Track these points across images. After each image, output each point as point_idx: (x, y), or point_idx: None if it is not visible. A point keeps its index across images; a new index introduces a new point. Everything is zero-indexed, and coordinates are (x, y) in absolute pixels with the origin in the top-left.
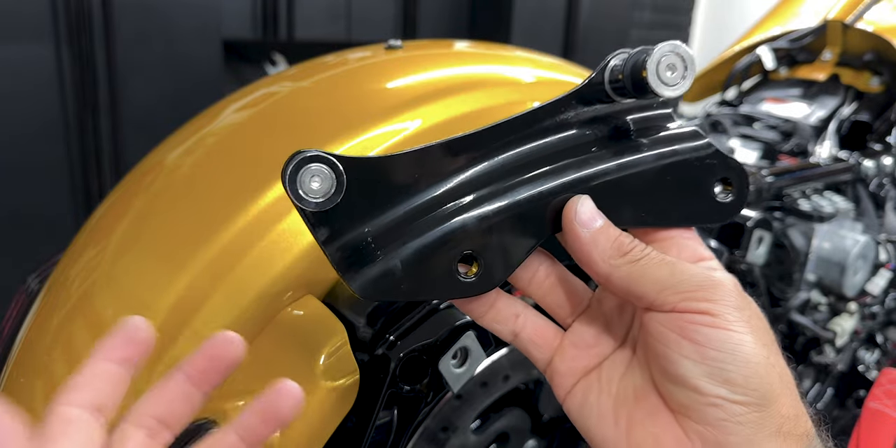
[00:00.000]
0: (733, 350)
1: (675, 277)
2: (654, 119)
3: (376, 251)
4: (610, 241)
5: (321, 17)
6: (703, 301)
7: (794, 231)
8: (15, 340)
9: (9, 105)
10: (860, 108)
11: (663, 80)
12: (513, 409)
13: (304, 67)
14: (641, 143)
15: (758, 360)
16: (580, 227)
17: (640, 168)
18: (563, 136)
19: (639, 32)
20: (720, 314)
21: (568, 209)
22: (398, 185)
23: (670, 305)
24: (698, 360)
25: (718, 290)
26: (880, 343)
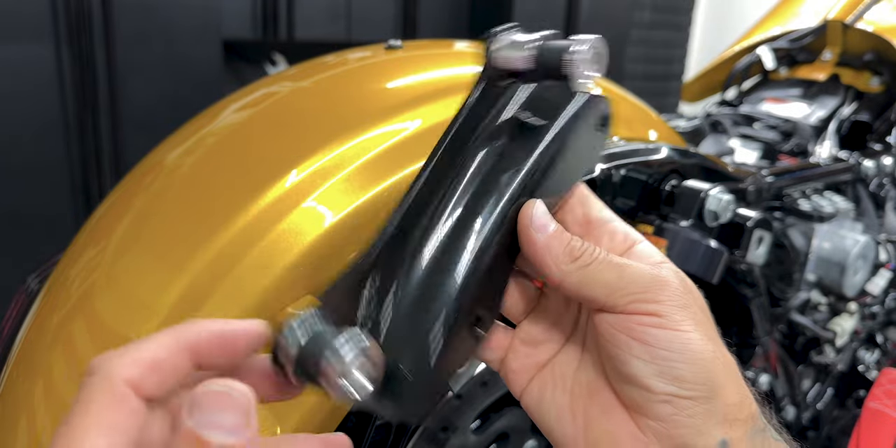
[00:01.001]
0: (681, 349)
1: (624, 280)
2: (538, 91)
3: (399, 367)
4: (562, 246)
5: (321, 17)
6: (651, 302)
7: (795, 231)
8: (15, 340)
9: (8, 105)
10: (860, 108)
11: (583, 74)
12: (513, 409)
13: (304, 67)
14: (543, 128)
15: (704, 357)
16: (535, 232)
17: (552, 152)
18: (480, 158)
19: (639, 32)
20: (667, 315)
21: (522, 215)
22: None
23: (620, 308)
24: (648, 359)
25: (665, 291)
26: (880, 343)
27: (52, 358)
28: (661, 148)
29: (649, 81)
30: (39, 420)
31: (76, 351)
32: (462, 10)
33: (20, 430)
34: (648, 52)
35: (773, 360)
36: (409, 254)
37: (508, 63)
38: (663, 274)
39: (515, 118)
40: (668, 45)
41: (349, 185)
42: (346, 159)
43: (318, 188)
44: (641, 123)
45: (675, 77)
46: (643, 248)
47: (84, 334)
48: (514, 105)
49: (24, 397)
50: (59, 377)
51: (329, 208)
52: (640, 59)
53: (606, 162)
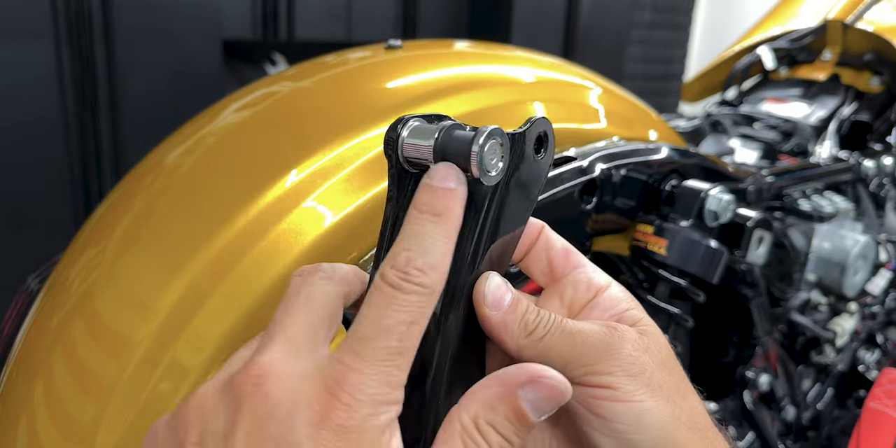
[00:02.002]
0: (637, 421)
1: (575, 351)
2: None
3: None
4: (517, 322)
5: (321, 16)
6: (603, 374)
7: (795, 231)
8: (15, 340)
9: (8, 104)
10: (860, 108)
11: (487, 169)
12: None
13: (304, 67)
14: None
15: (662, 424)
16: (489, 309)
17: (496, 208)
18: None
19: (639, 32)
20: (619, 387)
21: (476, 292)
22: None
23: (576, 380)
24: (607, 432)
25: (615, 360)
26: (880, 343)
27: (52, 358)
28: (661, 148)
29: (649, 81)
30: (39, 420)
31: (76, 351)
32: (462, 10)
33: (20, 430)
34: (648, 52)
35: (773, 360)
36: None
37: (414, 152)
38: (615, 340)
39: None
40: (668, 45)
41: (349, 185)
42: (346, 159)
43: (318, 188)
44: (641, 123)
45: (675, 77)
46: (608, 296)
47: (84, 334)
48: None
49: (24, 397)
50: (59, 377)
51: (329, 208)
52: (640, 59)
53: (607, 162)
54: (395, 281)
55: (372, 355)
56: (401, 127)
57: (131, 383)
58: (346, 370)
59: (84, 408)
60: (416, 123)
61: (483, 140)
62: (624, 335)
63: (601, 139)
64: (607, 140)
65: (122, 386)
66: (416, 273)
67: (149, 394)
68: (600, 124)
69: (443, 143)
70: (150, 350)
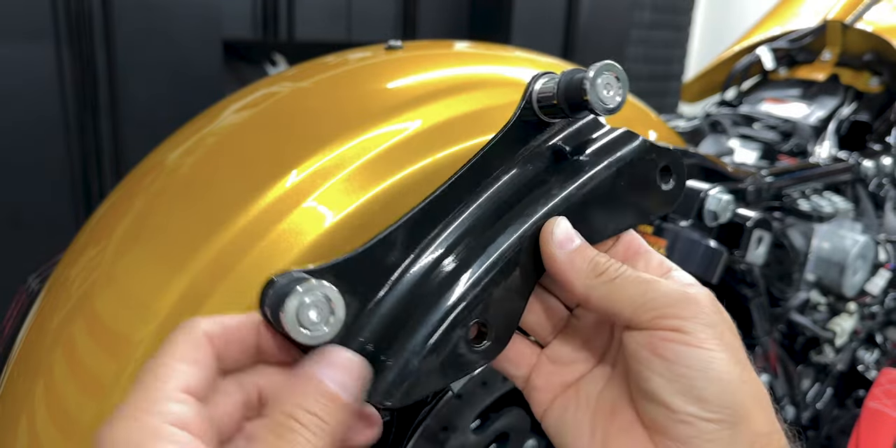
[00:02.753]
0: (704, 367)
1: (649, 295)
2: (584, 131)
3: (380, 356)
4: (586, 262)
5: (321, 17)
6: (675, 318)
7: (794, 231)
8: (15, 340)
9: (9, 105)
10: (860, 108)
11: (603, 101)
12: (513, 409)
13: (304, 68)
14: (584, 162)
15: (729, 378)
16: (556, 248)
17: (597, 183)
18: (512, 176)
19: (639, 32)
20: (691, 332)
21: (544, 232)
22: (376, 278)
23: (644, 323)
24: (670, 376)
25: (691, 307)
26: (880, 343)
27: (52, 358)
28: None
29: (649, 81)
30: (39, 420)
31: (76, 351)
32: (462, 10)
33: (20, 430)
34: (648, 52)
35: (773, 359)
36: (421, 249)
37: (541, 94)
38: (692, 292)
39: (560, 148)
40: (668, 45)
41: (349, 185)
42: (346, 159)
43: (319, 188)
44: (641, 123)
45: (674, 77)
46: (679, 275)
47: (84, 334)
48: (558, 137)
49: (25, 397)
50: (60, 377)
51: (329, 208)
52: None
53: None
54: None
55: None
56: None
57: (131, 383)
58: None
59: (84, 407)
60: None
61: (595, 73)
62: (701, 292)
63: None
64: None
65: (122, 386)
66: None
67: None
68: None
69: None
70: (150, 350)
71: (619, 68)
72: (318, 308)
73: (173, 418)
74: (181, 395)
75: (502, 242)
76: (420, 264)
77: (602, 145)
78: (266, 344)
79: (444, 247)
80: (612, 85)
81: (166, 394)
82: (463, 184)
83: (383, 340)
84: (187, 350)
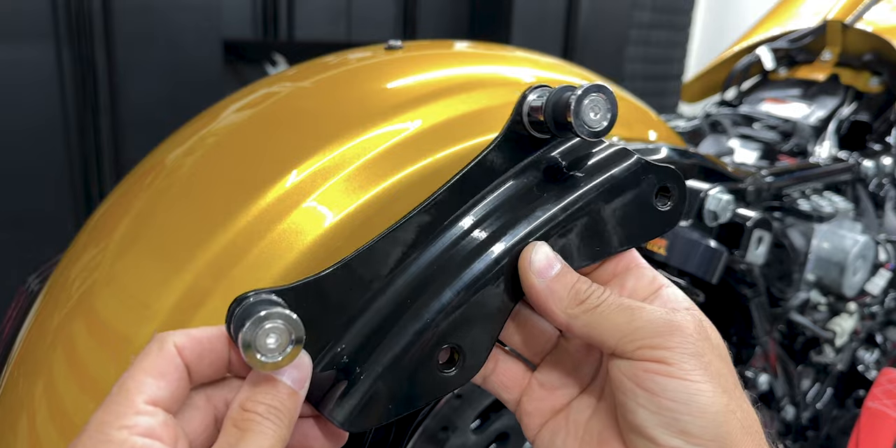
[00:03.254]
0: (688, 400)
1: (633, 324)
2: (582, 147)
3: (355, 368)
4: (566, 289)
5: (321, 17)
6: (660, 348)
7: (794, 231)
8: (15, 340)
9: (9, 105)
10: (859, 108)
11: (587, 124)
12: None
13: (304, 68)
14: (577, 178)
15: (715, 410)
16: (535, 276)
17: (584, 204)
18: (502, 192)
19: (639, 32)
20: (676, 363)
21: (523, 258)
22: (348, 297)
23: (629, 353)
24: (654, 409)
25: (675, 337)
26: (880, 343)
27: (52, 358)
28: (661, 148)
29: (649, 81)
30: (39, 420)
31: (76, 351)
32: (462, 10)
33: (20, 430)
34: (648, 52)
35: (773, 359)
36: (399, 265)
37: (532, 108)
38: (678, 319)
39: (553, 164)
40: (668, 45)
41: (349, 184)
42: (346, 159)
43: (319, 188)
44: (641, 123)
45: (674, 77)
46: (669, 293)
47: (84, 334)
48: (552, 152)
49: (25, 397)
50: (60, 377)
51: (329, 208)
52: (639, 60)
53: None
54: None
55: None
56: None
57: None
58: None
59: (84, 407)
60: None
61: (581, 94)
62: (686, 319)
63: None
64: (607, 140)
65: None
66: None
67: None
68: None
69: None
70: None
71: (610, 90)
72: (277, 335)
73: (141, 430)
74: (149, 407)
75: (478, 266)
76: (399, 282)
77: (594, 163)
78: (237, 357)
79: (426, 263)
80: (599, 108)
81: (134, 407)
82: (450, 198)
83: (359, 353)
84: (157, 363)
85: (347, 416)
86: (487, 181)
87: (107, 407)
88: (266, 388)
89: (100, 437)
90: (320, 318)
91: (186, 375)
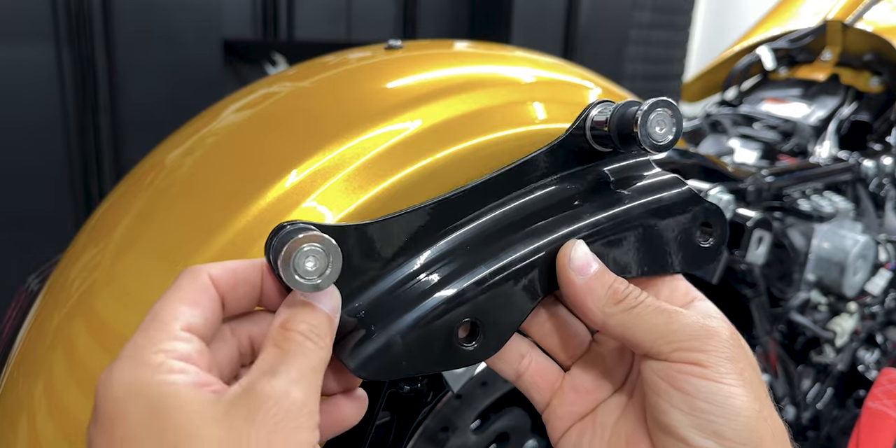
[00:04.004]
0: (723, 403)
1: (670, 327)
2: (634, 168)
3: (370, 326)
4: (605, 288)
5: (321, 17)
6: (696, 351)
7: (794, 231)
8: (15, 340)
9: (9, 105)
10: (860, 108)
11: (653, 137)
12: (513, 409)
13: (304, 67)
14: (623, 195)
15: (748, 414)
16: (574, 273)
17: (624, 220)
18: (547, 191)
19: (639, 32)
20: (711, 366)
21: (562, 255)
22: (387, 253)
23: (664, 355)
24: (687, 410)
25: (712, 341)
26: (880, 343)
27: (52, 358)
28: None
29: (649, 81)
30: (39, 420)
31: (76, 351)
32: (462, 10)
33: (20, 430)
34: (648, 52)
35: (773, 359)
36: (440, 235)
37: (595, 121)
38: (714, 325)
39: (603, 176)
40: (668, 45)
41: (349, 184)
42: (346, 159)
43: (319, 188)
44: None
45: (674, 77)
46: (703, 305)
47: (84, 334)
48: (602, 167)
49: (25, 397)
50: (60, 377)
51: (329, 208)
52: (639, 59)
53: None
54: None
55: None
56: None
57: None
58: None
59: (84, 407)
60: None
61: (648, 108)
62: (722, 325)
63: None
64: None
65: None
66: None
67: None
68: None
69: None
70: None
71: (675, 106)
72: (315, 259)
73: (178, 354)
74: (184, 334)
75: (517, 250)
76: (433, 249)
77: (646, 184)
78: (269, 288)
79: (461, 240)
80: (665, 122)
81: (170, 333)
82: (495, 186)
83: (377, 311)
84: (191, 292)
85: (362, 361)
86: (532, 180)
87: (143, 332)
88: (306, 310)
89: (136, 361)
90: (355, 263)
91: (220, 306)
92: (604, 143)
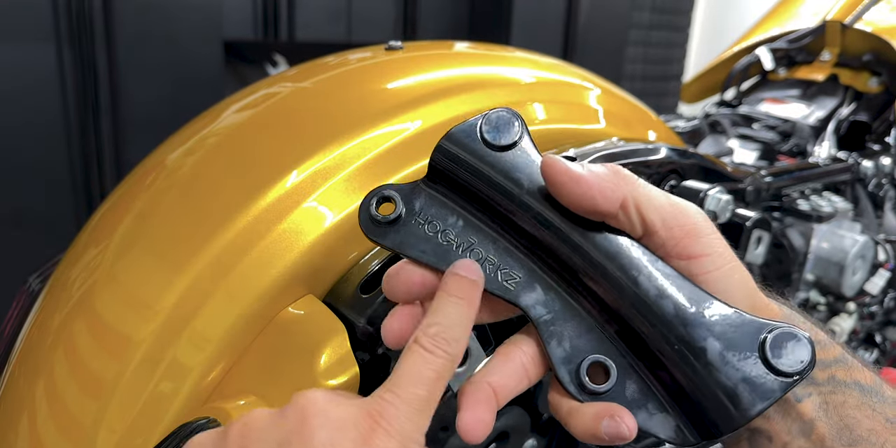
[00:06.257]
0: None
1: (677, 209)
2: None
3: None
4: (605, 167)
5: (322, 18)
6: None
7: (793, 231)
8: (16, 340)
9: (10, 106)
10: (859, 108)
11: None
12: (513, 408)
13: (304, 68)
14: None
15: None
16: (574, 168)
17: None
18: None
19: (638, 33)
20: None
21: (549, 168)
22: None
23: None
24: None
25: (710, 224)
26: (879, 343)
27: (53, 358)
28: (660, 148)
29: (648, 82)
30: (40, 420)
31: (77, 350)
32: (462, 11)
33: (21, 430)
34: (647, 52)
35: None
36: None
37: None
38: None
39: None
40: (667, 45)
41: (349, 185)
42: (346, 159)
43: (319, 188)
44: (640, 124)
45: (673, 77)
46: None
47: (85, 334)
48: None
49: (26, 397)
50: (61, 377)
51: (329, 208)
52: (639, 60)
53: (606, 162)
54: (428, 346)
55: (406, 397)
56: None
57: (132, 383)
58: (385, 404)
59: (85, 407)
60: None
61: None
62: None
63: (600, 139)
64: (606, 140)
65: (123, 385)
66: (442, 342)
67: (150, 393)
68: (599, 125)
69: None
70: (150, 349)
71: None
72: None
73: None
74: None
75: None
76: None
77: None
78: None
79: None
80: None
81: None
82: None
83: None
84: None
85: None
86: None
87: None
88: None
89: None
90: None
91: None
92: None
